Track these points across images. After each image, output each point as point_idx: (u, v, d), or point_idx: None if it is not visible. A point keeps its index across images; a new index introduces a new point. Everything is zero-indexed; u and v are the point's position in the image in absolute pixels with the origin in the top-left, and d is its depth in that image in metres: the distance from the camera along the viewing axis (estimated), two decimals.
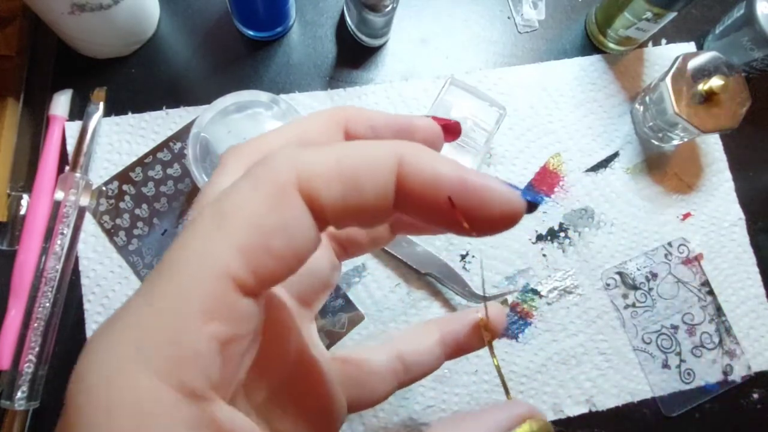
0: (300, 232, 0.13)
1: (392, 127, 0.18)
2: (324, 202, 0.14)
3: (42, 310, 0.40)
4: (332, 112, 0.18)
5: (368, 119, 0.18)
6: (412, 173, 0.14)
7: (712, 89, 0.42)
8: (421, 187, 0.14)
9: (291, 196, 0.13)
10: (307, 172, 0.14)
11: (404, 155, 0.14)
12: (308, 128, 0.18)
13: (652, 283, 0.46)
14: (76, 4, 0.38)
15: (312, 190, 0.13)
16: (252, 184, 0.14)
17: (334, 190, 0.14)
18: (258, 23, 0.46)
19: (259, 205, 0.13)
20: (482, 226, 0.14)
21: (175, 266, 0.13)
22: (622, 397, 0.44)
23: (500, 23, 0.50)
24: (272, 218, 0.13)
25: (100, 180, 0.44)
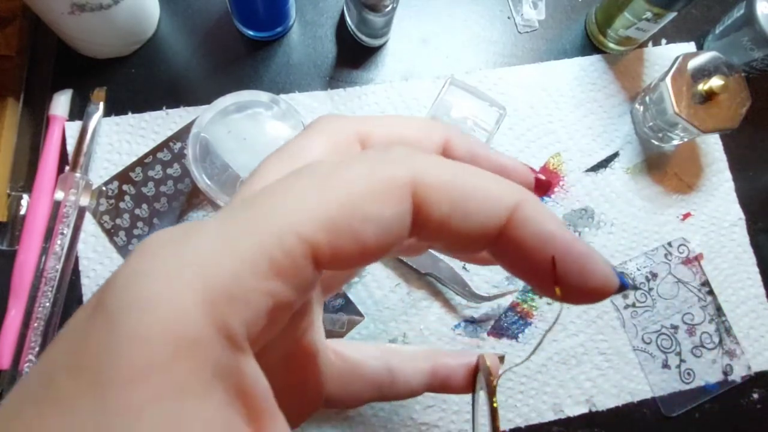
0: (395, 231, 0.13)
1: (491, 162, 0.17)
2: (431, 216, 0.13)
3: (42, 310, 0.40)
4: (437, 124, 0.18)
5: (470, 146, 0.18)
6: (526, 223, 0.14)
7: (712, 89, 0.42)
8: (530, 240, 0.14)
9: (403, 194, 0.13)
10: (424, 179, 0.13)
11: (523, 202, 0.14)
12: (409, 129, 0.17)
13: (652, 283, 0.46)
14: (76, 4, 0.38)
15: (423, 199, 0.13)
16: (368, 165, 0.13)
17: (446, 208, 0.13)
18: (258, 23, 0.46)
19: (367, 189, 0.13)
20: (572, 295, 0.14)
21: (263, 208, 0.13)
22: (622, 397, 0.44)
23: (500, 23, 0.50)
24: (376, 206, 0.13)
25: (100, 180, 0.44)
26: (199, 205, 0.44)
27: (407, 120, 0.18)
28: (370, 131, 0.17)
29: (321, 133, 0.17)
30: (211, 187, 0.36)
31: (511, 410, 0.43)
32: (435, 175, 0.13)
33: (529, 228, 0.14)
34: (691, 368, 0.45)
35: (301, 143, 0.16)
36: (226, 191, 0.36)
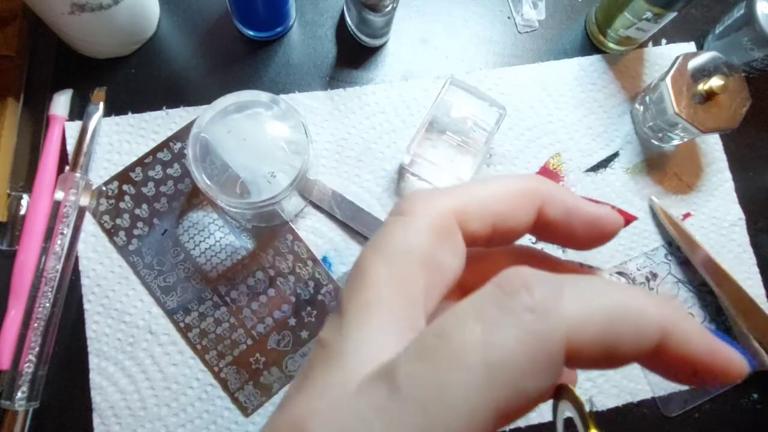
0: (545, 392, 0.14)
1: (587, 216, 0.18)
2: (585, 365, 0.14)
3: (42, 310, 0.40)
4: (531, 185, 0.18)
5: (565, 203, 0.18)
6: (675, 346, 0.14)
7: (712, 89, 0.42)
8: (678, 358, 0.14)
9: (558, 361, 0.13)
10: (578, 338, 0.13)
11: (672, 327, 0.14)
12: (506, 199, 0.17)
13: (652, 283, 0.46)
14: (76, 4, 0.38)
15: (576, 355, 0.14)
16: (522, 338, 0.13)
17: (596, 352, 0.14)
18: (258, 23, 0.46)
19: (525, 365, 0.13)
20: (714, 383, 0.15)
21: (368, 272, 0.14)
22: (622, 397, 0.44)
23: (500, 23, 0.50)
24: (533, 383, 0.13)
25: (100, 180, 0.44)
26: (199, 205, 0.44)
27: (500, 188, 0.18)
28: (466, 209, 0.17)
29: (417, 218, 0.16)
30: (211, 187, 0.36)
31: None
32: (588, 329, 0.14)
33: (678, 349, 0.14)
34: None
35: (400, 234, 0.16)
36: (226, 191, 0.36)
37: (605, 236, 0.18)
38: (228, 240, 0.44)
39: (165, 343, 0.42)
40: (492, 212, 0.17)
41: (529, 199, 0.18)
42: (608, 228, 0.18)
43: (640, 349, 0.14)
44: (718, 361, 0.15)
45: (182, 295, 0.43)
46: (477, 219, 0.17)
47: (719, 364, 0.15)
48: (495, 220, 0.17)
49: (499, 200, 0.17)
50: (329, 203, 0.44)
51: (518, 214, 0.17)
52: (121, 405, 0.41)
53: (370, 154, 0.46)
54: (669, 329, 0.14)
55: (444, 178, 0.43)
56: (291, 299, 0.43)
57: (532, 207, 0.18)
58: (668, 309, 0.15)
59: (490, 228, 0.17)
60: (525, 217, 0.18)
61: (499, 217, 0.17)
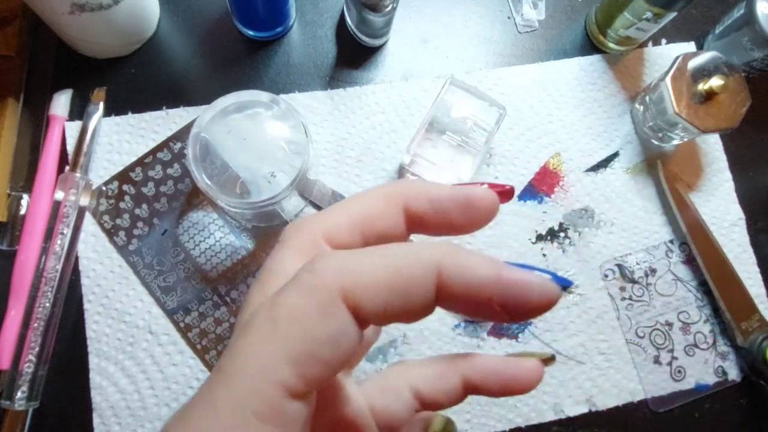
0: (346, 340, 0.15)
1: (452, 200, 0.18)
2: (368, 312, 0.15)
3: (42, 310, 0.40)
4: (392, 190, 0.19)
5: (427, 194, 0.18)
6: (453, 279, 0.15)
7: (712, 89, 0.42)
8: (462, 291, 0.15)
9: (338, 307, 0.15)
10: (353, 282, 0.15)
11: (443, 262, 0.15)
12: (369, 206, 0.18)
13: (651, 278, 0.46)
14: (76, 4, 0.38)
15: (357, 301, 0.15)
16: (301, 291, 0.15)
17: (378, 300, 0.15)
18: (258, 23, 0.46)
19: (308, 315, 0.15)
20: (521, 316, 0.16)
21: (233, 373, 0.15)
22: (622, 397, 0.44)
23: (500, 23, 0.50)
24: (321, 329, 0.15)
25: (100, 180, 0.44)
26: (199, 205, 0.44)
27: (364, 198, 0.19)
28: (333, 225, 0.18)
29: (288, 246, 0.18)
30: (211, 187, 0.36)
31: (511, 410, 0.43)
32: (363, 274, 0.15)
33: (456, 282, 0.15)
34: (682, 366, 0.45)
35: (273, 261, 0.18)
36: (226, 191, 0.36)
37: (481, 213, 0.18)
38: (228, 240, 0.44)
39: (165, 343, 0.42)
40: (355, 221, 0.18)
41: (389, 201, 0.18)
42: (480, 204, 0.18)
43: (423, 288, 0.15)
44: (512, 287, 0.15)
45: (182, 295, 0.43)
46: (344, 231, 0.18)
47: (516, 289, 0.15)
48: (361, 227, 0.18)
49: (359, 208, 0.18)
50: (329, 203, 0.44)
51: (382, 217, 0.18)
52: (121, 405, 0.41)
53: (370, 154, 0.46)
54: (442, 262, 0.15)
55: (444, 178, 0.43)
56: None
57: (395, 207, 0.18)
58: (440, 247, 0.16)
59: (358, 236, 0.18)
60: (392, 218, 0.18)
61: (364, 223, 0.18)
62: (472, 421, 0.43)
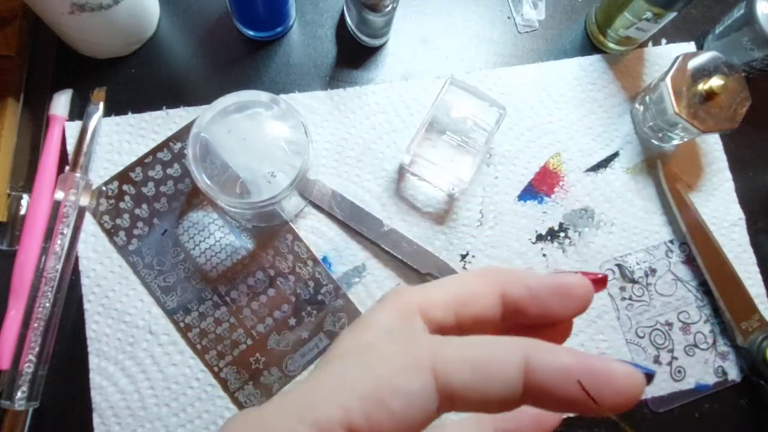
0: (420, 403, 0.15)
1: (549, 288, 0.19)
2: (454, 386, 0.16)
3: (42, 310, 0.40)
4: (490, 274, 0.20)
5: (525, 280, 0.19)
6: (541, 369, 0.15)
7: (712, 89, 0.42)
8: (552, 380, 0.15)
9: (423, 370, 0.16)
10: (442, 355, 0.16)
11: (530, 353, 0.16)
12: (468, 287, 0.19)
13: (651, 278, 0.46)
14: (76, 4, 0.38)
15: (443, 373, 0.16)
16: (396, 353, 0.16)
17: (464, 377, 0.16)
18: (258, 23, 0.46)
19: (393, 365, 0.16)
20: (612, 405, 0.15)
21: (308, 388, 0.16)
22: None
23: (500, 23, 0.50)
24: (401, 381, 0.15)
25: (100, 180, 0.44)
26: (199, 205, 0.44)
27: (464, 278, 0.20)
28: (431, 299, 0.19)
29: (387, 304, 0.19)
30: (211, 187, 0.36)
31: None
32: (452, 351, 0.16)
33: (546, 372, 0.15)
34: (682, 366, 0.45)
35: (370, 314, 0.19)
36: (226, 191, 0.36)
37: (578, 302, 0.19)
38: (228, 240, 0.44)
39: (165, 343, 0.42)
40: (452, 299, 0.19)
41: (487, 284, 0.19)
42: (576, 292, 0.19)
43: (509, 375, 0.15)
44: (599, 372, 0.15)
45: (182, 295, 0.43)
46: (439, 307, 0.19)
47: (603, 375, 0.15)
48: (456, 306, 0.19)
49: (458, 288, 0.19)
50: (329, 203, 0.45)
51: (479, 299, 0.19)
52: (121, 405, 0.41)
53: (370, 154, 0.46)
54: (530, 354, 0.16)
55: (444, 178, 0.43)
56: (291, 299, 0.43)
57: (492, 291, 0.19)
58: (526, 341, 0.16)
59: (452, 314, 0.19)
60: (487, 301, 0.19)
61: (460, 303, 0.19)
62: None
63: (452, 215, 0.46)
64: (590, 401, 0.15)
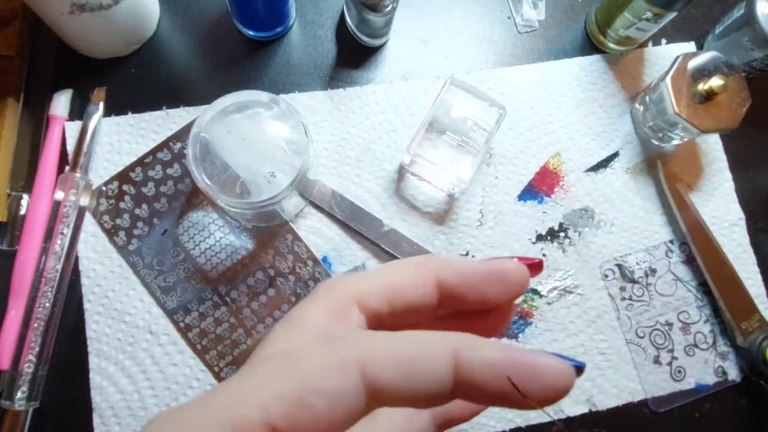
0: (345, 402, 0.15)
1: (482, 273, 0.19)
2: (382, 385, 0.15)
3: (42, 310, 0.40)
4: (425, 262, 0.19)
5: (458, 267, 0.19)
6: (469, 360, 0.15)
7: (712, 89, 0.42)
8: (481, 375, 0.15)
9: (348, 370, 0.15)
10: (369, 354, 0.15)
11: (459, 347, 0.15)
12: (401, 275, 0.19)
13: (651, 278, 0.46)
14: (76, 4, 0.38)
15: (371, 372, 0.15)
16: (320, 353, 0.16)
17: (391, 375, 0.15)
18: (258, 23, 0.46)
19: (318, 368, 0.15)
20: (540, 398, 0.15)
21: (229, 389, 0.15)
22: (622, 397, 0.44)
23: (500, 23, 0.50)
24: (324, 382, 0.15)
25: (100, 180, 0.44)
26: (199, 205, 0.44)
27: (398, 268, 0.19)
28: (365, 289, 0.19)
29: (320, 299, 0.19)
30: (211, 187, 0.36)
31: (511, 410, 0.43)
32: (380, 350, 0.15)
33: (475, 368, 0.15)
34: (682, 366, 0.45)
35: (303, 310, 0.19)
36: (226, 191, 0.36)
37: (512, 287, 0.19)
38: (228, 240, 0.44)
39: (165, 343, 0.42)
40: (385, 288, 0.19)
41: (420, 272, 0.19)
42: (510, 277, 0.19)
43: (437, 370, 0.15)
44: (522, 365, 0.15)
45: (182, 295, 0.43)
46: (373, 297, 0.19)
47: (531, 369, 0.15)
48: (390, 295, 0.19)
49: (392, 277, 0.19)
50: (329, 203, 0.45)
51: (412, 287, 0.19)
52: (121, 405, 0.41)
53: (370, 154, 0.46)
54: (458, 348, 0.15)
55: (444, 178, 0.43)
56: (291, 299, 0.43)
57: (426, 278, 0.19)
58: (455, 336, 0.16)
59: (386, 303, 0.19)
60: (421, 289, 0.19)
61: (394, 292, 0.19)
62: (472, 421, 0.43)
63: (452, 215, 0.46)
64: (519, 396, 0.15)
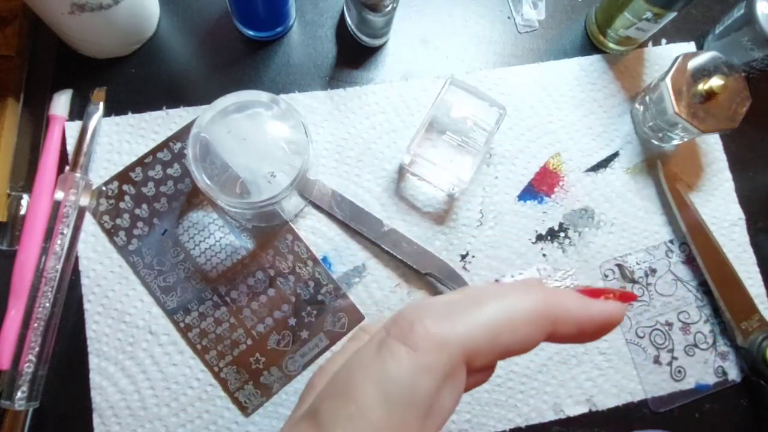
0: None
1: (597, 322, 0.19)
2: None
3: (42, 310, 0.40)
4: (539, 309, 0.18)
5: (576, 320, 0.19)
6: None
7: (712, 89, 0.42)
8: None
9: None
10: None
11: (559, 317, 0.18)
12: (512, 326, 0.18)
13: (651, 278, 0.46)
14: (76, 4, 0.38)
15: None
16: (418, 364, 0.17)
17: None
18: (258, 23, 0.46)
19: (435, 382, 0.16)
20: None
21: None
22: (622, 396, 0.44)
23: (500, 23, 0.50)
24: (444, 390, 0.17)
25: (100, 180, 0.44)
26: (199, 205, 0.44)
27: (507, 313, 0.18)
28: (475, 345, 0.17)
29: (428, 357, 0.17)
30: (211, 187, 0.36)
31: (511, 410, 0.43)
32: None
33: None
34: (682, 366, 0.45)
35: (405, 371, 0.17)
36: (226, 191, 0.36)
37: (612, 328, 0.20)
38: (228, 240, 0.44)
39: (165, 343, 0.42)
40: (502, 347, 0.17)
41: (539, 327, 0.18)
42: (615, 321, 0.20)
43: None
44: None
45: (182, 295, 0.43)
46: (484, 355, 0.17)
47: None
48: (503, 353, 0.18)
49: (508, 333, 0.17)
50: (329, 203, 0.45)
51: (526, 344, 0.18)
52: (121, 405, 0.41)
53: (370, 154, 0.46)
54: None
55: (444, 178, 0.43)
56: (291, 299, 0.43)
57: (542, 334, 0.18)
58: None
59: (494, 361, 0.18)
60: (532, 344, 0.18)
61: (507, 351, 0.18)
62: (472, 421, 0.43)
63: (452, 215, 0.46)
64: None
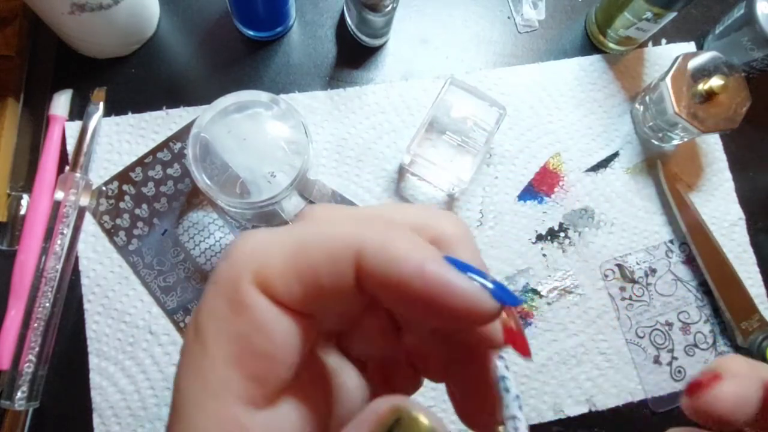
0: (276, 329, 0.13)
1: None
2: (283, 298, 0.13)
3: (42, 310, 0.40)
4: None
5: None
6: (372, 268, 0.13)
7: (712, 89, 0.42)
8: (381, 281, 0.13)
9: (250, 297, 0.13)
10: (264, 271, 0.13)
11: (364, 248, 0.13)
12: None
13: (651, 278, 0.46)
14: (76, 4, 0.38)
15: (273, 288, 0.13)
16: (216, 290, 0.14)
17: (293, 287, 0.13)
18: (258, 23, 0.46)
19: (225, 316, 0.13)
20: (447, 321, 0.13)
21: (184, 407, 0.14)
22: (622, 397, 0.44)
23: (500, 23, 0.50)
24: (241, 326, 0.13)
25: (100, 180, 0.44)
26: (199, 205, 0.44)
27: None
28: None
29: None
30: (211, 187, 0.36)
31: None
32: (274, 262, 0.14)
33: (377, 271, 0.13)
34: (682, 366, 0.45)
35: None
36: (226, 191, 0.36)
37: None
38: (228, 240, 0.44)
39: (165, 343, 0.42)
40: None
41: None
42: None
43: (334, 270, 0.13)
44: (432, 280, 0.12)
45: (182, 295, 0.43)
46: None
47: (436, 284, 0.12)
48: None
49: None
50: (329, 203, 0.44)
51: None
52: (121, 405, 0.41)
53: (370, 154, 0.46)
54: (364, 249, 0.12)
55: (444, 178, 0.43)
56: None
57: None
58: (365, 227, 0.13)
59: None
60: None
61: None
62: None
63: None
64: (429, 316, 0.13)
